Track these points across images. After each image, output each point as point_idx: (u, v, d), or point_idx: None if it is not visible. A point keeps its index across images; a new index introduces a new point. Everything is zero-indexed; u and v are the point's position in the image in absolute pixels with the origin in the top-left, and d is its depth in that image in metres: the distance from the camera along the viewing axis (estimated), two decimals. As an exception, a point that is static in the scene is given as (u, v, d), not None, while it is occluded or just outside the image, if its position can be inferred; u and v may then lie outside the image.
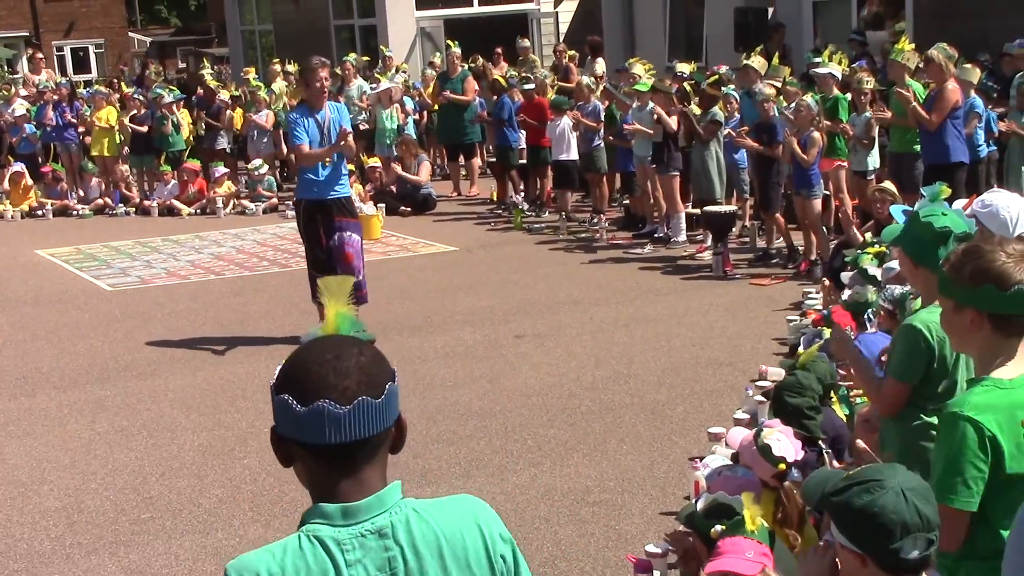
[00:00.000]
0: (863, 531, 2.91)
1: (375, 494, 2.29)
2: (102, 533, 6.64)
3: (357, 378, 2.27)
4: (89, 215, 18.32)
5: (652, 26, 22.79)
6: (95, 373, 9.77)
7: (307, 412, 2.24)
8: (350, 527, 2.27)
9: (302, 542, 2.27)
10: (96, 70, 44.14)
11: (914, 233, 4.35)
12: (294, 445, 2.30)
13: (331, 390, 2.24)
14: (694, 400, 8.33)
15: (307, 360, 2.30)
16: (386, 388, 2.30)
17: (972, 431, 3.27)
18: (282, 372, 2.32)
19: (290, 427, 2.28)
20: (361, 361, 2.30)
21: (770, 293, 11.32)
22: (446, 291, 12.07)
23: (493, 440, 7.73)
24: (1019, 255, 3.32)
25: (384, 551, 2.27)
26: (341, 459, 2.28)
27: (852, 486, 2.95)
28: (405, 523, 2.30)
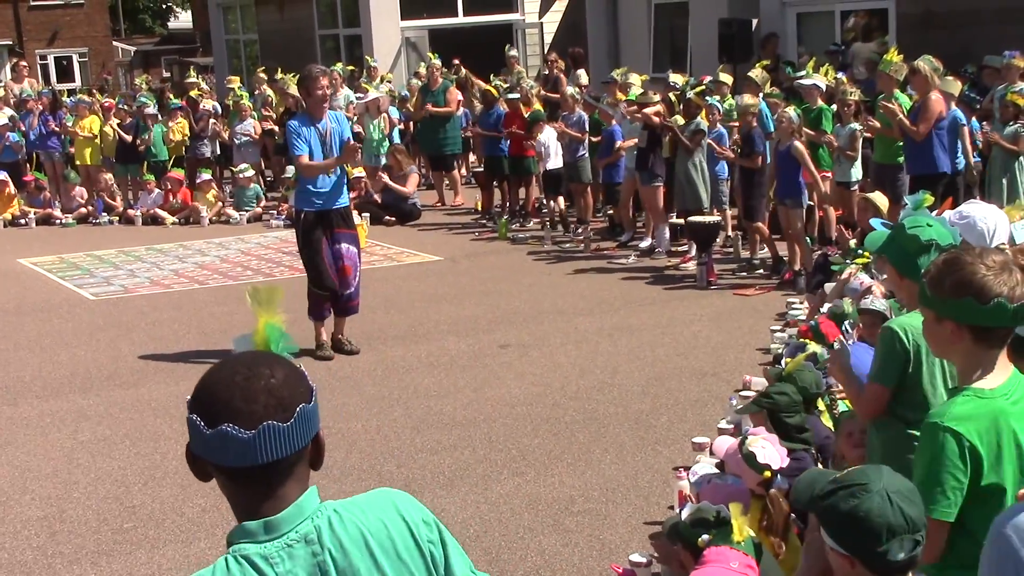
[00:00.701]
0: (850, 535, 2.93)
1: (293, 503, 2.28)
2: (84, 543, 6.61)
3: (264, 402, 2.24)
4: (72, 224, 18.26)
5: (637, 37, 22.82)
6: (78, 382, 9.74)
7: (213, 434, 2.23)
8: (275, 540, 2.26)
9: (230, 563, 2.26)
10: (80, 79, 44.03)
11: (899, 244, 4.36)
12: (208, 463, 2.29)
13: (236, 414, 2.22)
14: (678, 410, 8.34)
15: (217, 380, 2.27)
16: (297, 411, 2.27)
17: (952, 441, 3.28)
18: (195, 389, 2.30)
19: (199, 447, 2.27)
20: (271, 384, 2.26)
21: (754, 303, 11.34)
22: (430, 301, 12.06)
23: (477, 450, 7.72)
24: (999, 267, 3.30)
25: (312, 556, 2.27)
26: (253, 479, 2.27)
27: (838, 490, 2.97)
28: (328, 526, 2.29)
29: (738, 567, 4.38)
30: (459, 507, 6.75)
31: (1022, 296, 3.28)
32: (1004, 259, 3.37)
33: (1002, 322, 3.29)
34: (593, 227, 15.11)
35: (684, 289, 12.10)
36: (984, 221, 4.99)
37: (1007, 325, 3.31)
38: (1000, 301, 3.25)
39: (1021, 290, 3.29)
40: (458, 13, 26.53)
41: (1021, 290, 3.29)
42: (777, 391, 6.06)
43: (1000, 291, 3.26)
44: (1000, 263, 3.32)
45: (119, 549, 6.51)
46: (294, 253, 15.10)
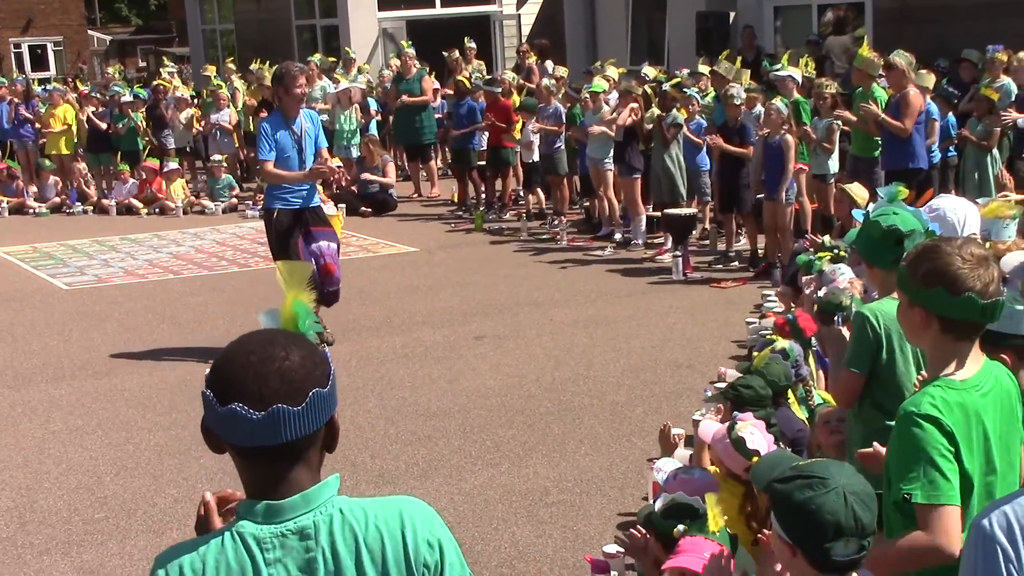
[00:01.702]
0: (797, 525, 2.93)
1: (301, 493, 2.27)
2: (55, 533, 6.56)
3: (276, 385, 2.23)
4: (46, 213, 18.15)
5: (614, 29, 22.83)
6: (50, 372, 9.67)
7: (224, 411, 2.22)
8: (272, 526, 2.25)
9: (226, 539, 2.26)
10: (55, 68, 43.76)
11: (865, 234, 4.39)
12: (220, 438, 2.29)
13: (248, 395, 2.21)
14: (653, 401, 8.34)
15: (233, 358, 2.27)
16: (309, 395, 2.25)
17: (934, 428, 3.24)
18: (213, 364, 2.30)
19: (212, 422, 2.27)
20: (284, 366, 2.25)
21: (729, 296, 11.35)
22: (406, 292, 12.03)
23: (452, 440, 7.70)
24: (975, 261, 3.26)
25: (306, 552, 2.25)
26: (263, 459, 2.26)
27: (797, 478, 2.96)
28: (328, 524, 2.27)
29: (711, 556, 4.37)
30: (433, 498, 6.73)
31: (995, 293, 3.26)
32: (983, 254, 3.34)
33: (971, 316, 3.25)
34: (569, 219, 15.10)
35: (660, 282, 12.10)
36: (954, 212, 5.03)
37: (976, 320, 3.27)
38: (971, 296, 3.21)
39: (995, 287, 3.26)
40: (435, 4, 26.47)
41: (995, 287, 3.26)
42: (743, 384, 6.06)
43: (973, 285, 3.22)
44: (978, 257, 3.28)
45: (90, 540, 6.46)
46: (269, 243, 15.09)
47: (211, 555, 2.24)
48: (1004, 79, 12.88)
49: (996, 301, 3.26)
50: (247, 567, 2.23)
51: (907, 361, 4.33)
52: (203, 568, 2.23)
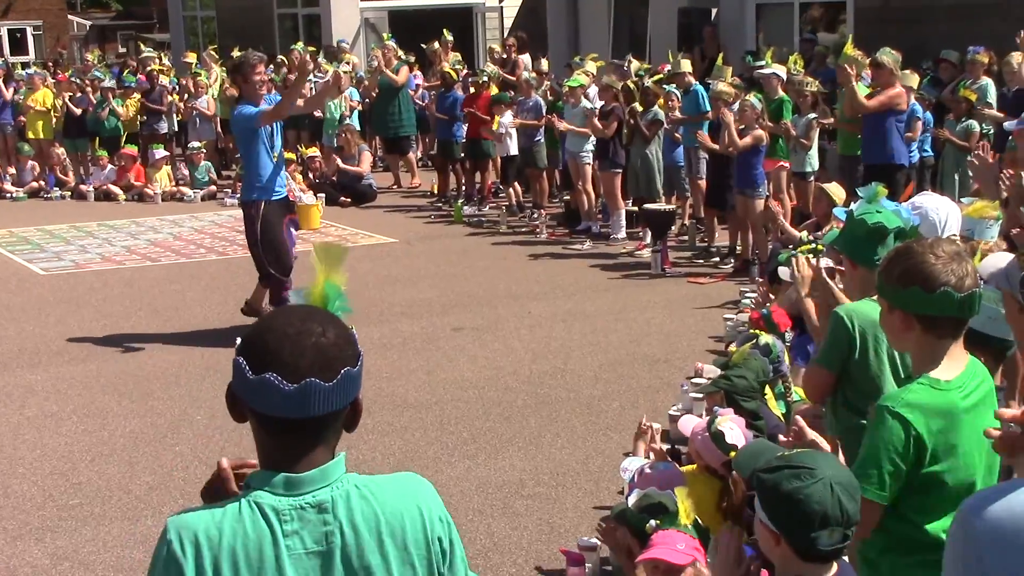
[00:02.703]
0: (785, 514, 2.94)
1: (319, 467, 2.30)
2: (28, 519, 6.54)
3: (311, 359, 2.26)
4: (23, 198, 18.06)
5: (596, 23, 22.84)
6: (25, 357, 9.63)
7: (256, 380, 2.25)
8: (291, 498, 2.27)
9: (243, 507, 2.27)
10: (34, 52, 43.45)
11: (850, 231, 4.41)
12: (246, 406, 2.31)
13: (282, 366, 2.25)
14: (630, 396, 8.36)
15: (270, 329, 2.30)
16: (341, 373, 2.29)
17: (899, 427, 3.29)
18: (247, 333, 2.33)
19: (241, 389, 2.30)
20: (321, 342, 2.28)
21: (707, 291, 11.38)
22: (384, 283, 12.02)
23: (428, 432, 7.71)
24: (948, 256, 3.29)
25: (323, 525, 2.28)
26: (288, 431, 2.29)
27: (784, 468, 2.98)
28: (346, 499, 2.30)
29: (684, 548, 4.40)
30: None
31: (971, 287, 3.28)
32: (956, 249, 3.37)
33: (949, 311, 3.28)
34: (549, 212, 15.10)
35: (639, 276, 12.12)
36: (936, 212, 5.05)
37: (954, 315, 3.30)
38: (946, 290, 3.24)
39: (970, 281, 3.29)
40: (418, -5, 26.44)
41: (970, 281, 3.29)
42: (737, 374, 6.08)
43: (947, 280, 3.25)
44: (951, 253, 3.31)
45: (64, 526, 6.44)
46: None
47: (228, 523, 2.25)
48: (984, 80, 12.95)
49: (973, 293, 3.28)
50: (265, 537, 2.25)
51: (881, 362, 4.36)
52: (219, 536, 2.24)
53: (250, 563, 2.24)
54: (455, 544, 2.45)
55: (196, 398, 8.49)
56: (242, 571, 2.24)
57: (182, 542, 2.24)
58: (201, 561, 2.23)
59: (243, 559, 2.24)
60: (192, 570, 2.23)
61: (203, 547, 2.24)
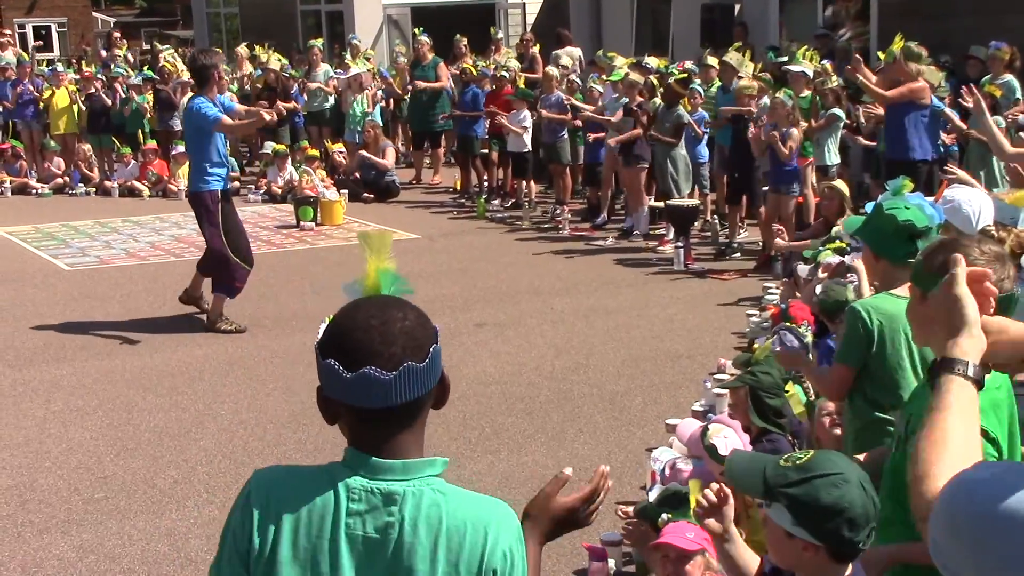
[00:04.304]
0: (830, 525, 2.90)
1: (404, 460, 2.32)
2: (55, 512, 6.59)
3: (403, 343, 2.29)
4: (48, 194, 18.15)
5: (619, 20, 22.82)
6: (51, 352, 9.69)
7: (354, 377, 2.26)
8: (366, 479, 2.29)
9: (321, 474, 2.32)
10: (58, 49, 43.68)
11: (876, 225, 4.39)
12: (340, 405, 2.33)
13: (377, 357, 2.26)
14: (652, 392, 8.36)
15: (353, 325, 2.32)
16: (430, 351, 2.32)
17: None
18: (327, 335, 2.34)
19: (337, 390, 2.31)
20: (406, 326, 2.31)
21: (730, 287, 11.37)
22: (407, 278, 11.96)
23: (451, 427, 7.72)
24: (992, 256, 3.27)
25: (387, 516, 2.28)
26: (383, 421, 2.31)
27: (812, 478, 2.92)
28: (417, 498, 2.29)
29: (694, 536, 4.43)
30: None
31: (1009, 290, 3.28)
32: (999, 251, 3.36)
33: None
34: (571, 208, 15.10)
35: (661, 272, 12.12)
36: (969, 204, 5.03)
37: None
38: None
39: (1009, 284, 3.28)
40: (441, -9, 26.45)
41: (1009, 284, 3.28)
42: (762, 370, 6.07)
43: None
44: (995, 254, 3.31)
45: (89, 519, 6.49)
46: (271, 228, 15.13)
47: (301, 486, 2.31)
48: (1007, 76, 12.88)
49: (1011, 295, 3.28)
50: (329, 508, 2.28)
51: (899, 355, 4.34)
52: (290, 497, 2.29)
53: (310, 530, 2.28)
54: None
55: (220, 393, 8.53)
56: (301, 535, 2.28)
57: (259, 492, 2.32)
58: (268, 515, 2.29)
59: (303, 524, 2.28)
60: (258, 523, 2.29)
61: (272, 503, 2.30)
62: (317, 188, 15.89)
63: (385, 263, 2.50)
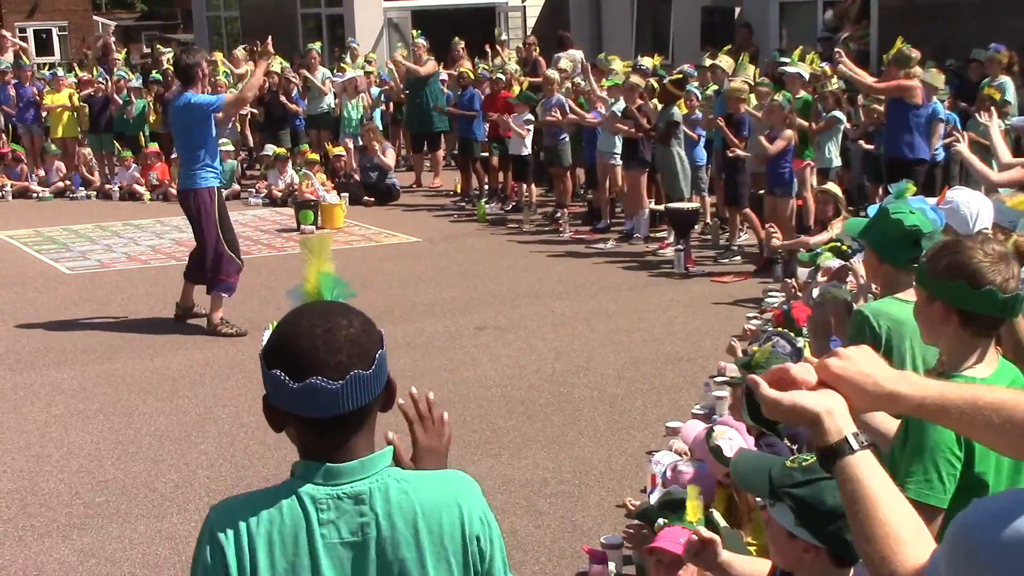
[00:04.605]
0: (832, 527, 2.92)
1: (359, 459, 2.32)
2: (55, 516, 6.59)
3: (348, 352, 2.27)
4: (49, 198, 18.16)
5: (619, 23, 22.83)
6: (52, 356, 9.70)
7: (300, 387, 2.25)
8: (328, 487, 2.29)
9: (281, 494, 2.30)
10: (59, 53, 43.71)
11: (881, 229, 4.39)
12: (287, 415, 2.32)
13: (323, 366, 2.25)
14: (653, 394, 8.36)
15: (297, 334, 2.29)
16: (376, 357, 2.32)
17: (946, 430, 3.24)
18: (272, 344, 2.32)
19: (283, 400, 2.30)
20: (351, 333, 2.30)
21: (730, 290, 11.37)
22: (408, 282, 12.05)
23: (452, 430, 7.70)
24: (996, 256, 3.30)
25: (359, 516, 2.29)
26: (332, 427, 2.30)
27: (818, 480, 2.94)
28: (384, 491, 2.31)
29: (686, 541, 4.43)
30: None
31: (1014, 289, 3.29)
32: (1003, 251, 3.38)
33: (991, 310, 3.28)
34: (572, 211, 15.10)
35: (661, 275, 12.12)
36: (967, 205, 5.04)
37: (996, 314, 3.30)
38: (992, 289, 3.25)
39: (1015, 283, 3.30)
40: (441, -6, 26.47)
41: (1015, 283, 3.30)
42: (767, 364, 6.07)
43: (993, 279, 3.26)
44: (999, 253, 3.32)
45: (90, 523, 6.49)
46: (272, 231, 15.14)
47: (265, 509, 2.28)
48: (1003, 78, 12.91)
49: (1016, 295, 3.29)
50: (300, 525, 2.27)
51: (904, 359, 4.34)
52: (257, 521, 2.27)
53: (285, 549, 2.27)
54: (495, 545, 2.42)
55: (221, 396, 8.54)
56: (277, 556, 2.27)
57: (224, 526, 2.28)
58: (240, 544, 2.26)
59: (278, 544, 2.26)
60: (233, 553, 2.26)
61: (242, 532, 2.27)
62: (318, 192, 15.90)
63: (326, 267, 2.48)
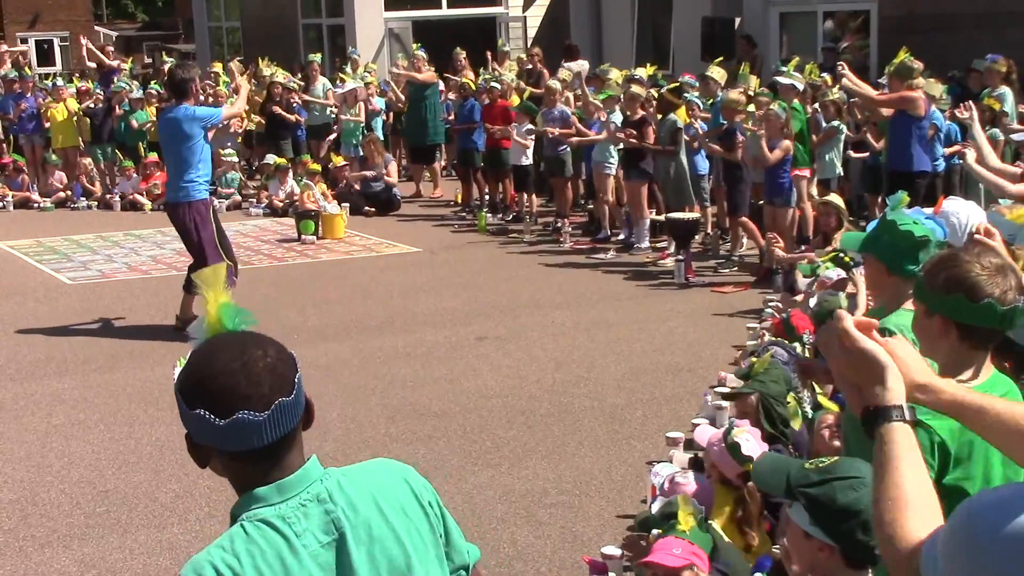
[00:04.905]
0: (844, 526, 2.97)
1: (300, 469, 2.33)
2: (56, 526, 6.60)
3: (270, 382, 2.26)
4: (50, 208, 18.18)
5: (620, 33, 22.87)
6: (53, 366, 9.71)
7: (228, 424, 2.23)
8: (289, 501, 2.29)
9: (247, 528, 2.27)
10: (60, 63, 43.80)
11: (890, 241, 4.37)
12: (213, 450, 2.31)
13: (247, 399, 2.23)
14: (653, 405, 8.37)
15: (214, 370, 2.27)
16: (295, 381, 2.31)
17: (924, 435, 3.28)
18: (188, 383, 2.30)
19: (211, 438, 2.28)
20: (268, 362, 2.28)
21: (731, 300, 11.38)
22: (408, 292, 12.06)
23: (452, 440, 7.73)
24: (994, 269, 3.31)
25: (326, 514, 2.31)
26: (263, 455, 2.30)
27: (832, 480, 3.01)
28: (338, 486, 2.35)
29: (680, 552, 4.44)
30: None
31: (1013, 301, 3.30)
32: (1001, 263, 3.39)
33: (990, 323, 3.29)
34: (572, 221, 15.11)
35: (662, 285, 12.13)
36: (956, 215, 5.05)
37: (994, 327, 3.31)
38: (990, 302, 3.26)
39: (1012, 295, 3.31)
40: (442, 5, 26.49)
41: (1012, 295, 3.31)
42: (772, 378, 6.09)
43: (991, 292, 3.27)
44: (996, 266, 3.33)
45: (91, 533, 6.50)
46: (272, 242, 15.17)
47: (241, 547, 2.24)
48: (1002, 88, 12.94)
49: (1014, 307, 3.30)
50: (281, 546, 2.25)
51: None
52: (238, 562, 2.23)
53: None
54: (444, 509, 2.53)
55: (221, 407, 8.53)
56: None
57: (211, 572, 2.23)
58: None
59: (268, 574, 2.24)
60: None
61: None
62: (318, 202, 15.92)
63: (223, 297, 2.45)
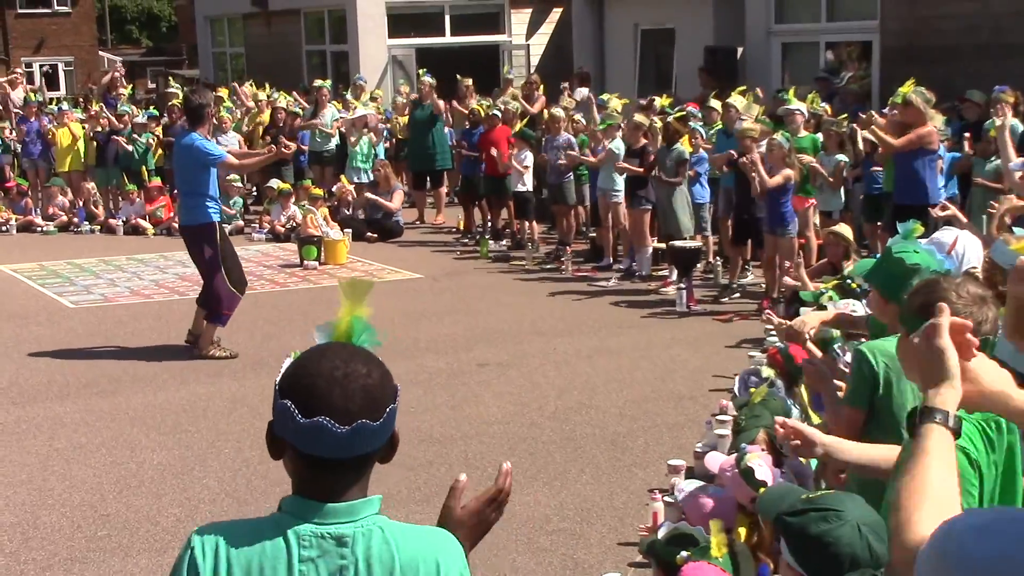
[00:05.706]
0: (814, 557, 2.96)
1: (349, 502, 2.33)
2: (57, 549, 6.59)
3: (361, 402, 2.29)
4: (53, 231, 18.22)
5: (622, 61, 22.96)
6: (55, 390, 9.71)
7: (307, 424, 2.27)
8: (314, 525, 2.30)
9: (266, 525, 2.32)
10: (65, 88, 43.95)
11: (886, 269, 4.42)
12: (289, 447, 2.35)
13: (334, 409, 2.27)
14: (655, 432, 8.37)
15: (316, 371, 2.31)
16: (386, 411, 2.33)
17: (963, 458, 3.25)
18: (289, 375, 2.35)
19: (288, 432, 2.32)
20: (368, 383, 2.32)
21: (732, 329, 11.39)
22: (410, 318, 12.06)
23: (454, 467, 7.73)
24: (971, 299, 3.30)
25: (339, 558, 2.30)
26: (329, 469, 2.32)
27: (810, 511, 2.99)
28: (367, 538, 2.32)
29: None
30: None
31: (989, 332, 3.29)
32: (981, 293, 3.38)
33: None
34: (575, 249, 15.14)
35: (664, 313, 12.14)
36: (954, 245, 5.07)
37: None
38: None
39: (989, 327, 3.30)
40: (445, 33, 26.61)
41: (989, 327, 3.30)
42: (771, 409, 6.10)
43: None
44: (974, 296, 3.33)
45: (92, 556, 6.49)
46: (275, 267, 15.18)
47: (249, 537, 2.29)
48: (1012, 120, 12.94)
49: (986, 339, 3.29)
50: (280, 558, 2.27)
51: (904, 397, 4.36)
52: (238, 548, 2.28)
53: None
54: None
55: (223, 431, 8.54)
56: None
57: (203, 547, 2.30)
58: (217, 569, 2.27)
59: (256, 574, 2.27)
60: (209, 574, 2.27)
61: (221, 556, 2.28)
62: (321, 227, 15.95)
63: (360, 311, 2.49)
